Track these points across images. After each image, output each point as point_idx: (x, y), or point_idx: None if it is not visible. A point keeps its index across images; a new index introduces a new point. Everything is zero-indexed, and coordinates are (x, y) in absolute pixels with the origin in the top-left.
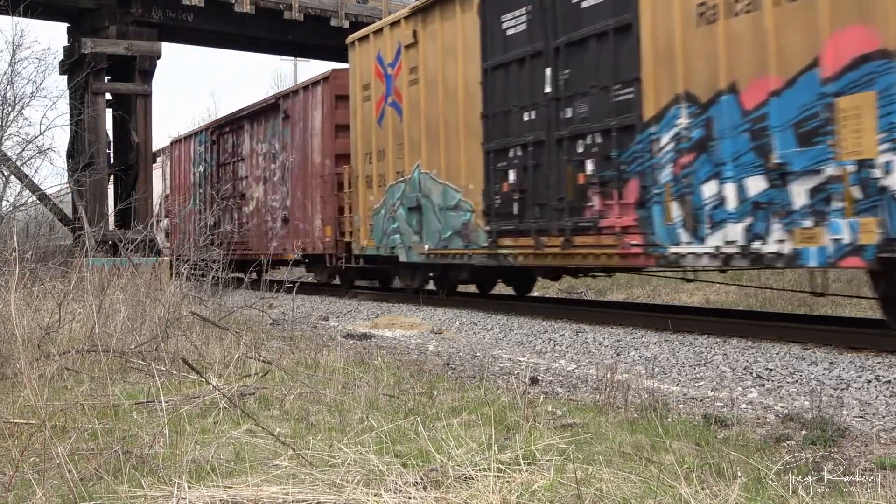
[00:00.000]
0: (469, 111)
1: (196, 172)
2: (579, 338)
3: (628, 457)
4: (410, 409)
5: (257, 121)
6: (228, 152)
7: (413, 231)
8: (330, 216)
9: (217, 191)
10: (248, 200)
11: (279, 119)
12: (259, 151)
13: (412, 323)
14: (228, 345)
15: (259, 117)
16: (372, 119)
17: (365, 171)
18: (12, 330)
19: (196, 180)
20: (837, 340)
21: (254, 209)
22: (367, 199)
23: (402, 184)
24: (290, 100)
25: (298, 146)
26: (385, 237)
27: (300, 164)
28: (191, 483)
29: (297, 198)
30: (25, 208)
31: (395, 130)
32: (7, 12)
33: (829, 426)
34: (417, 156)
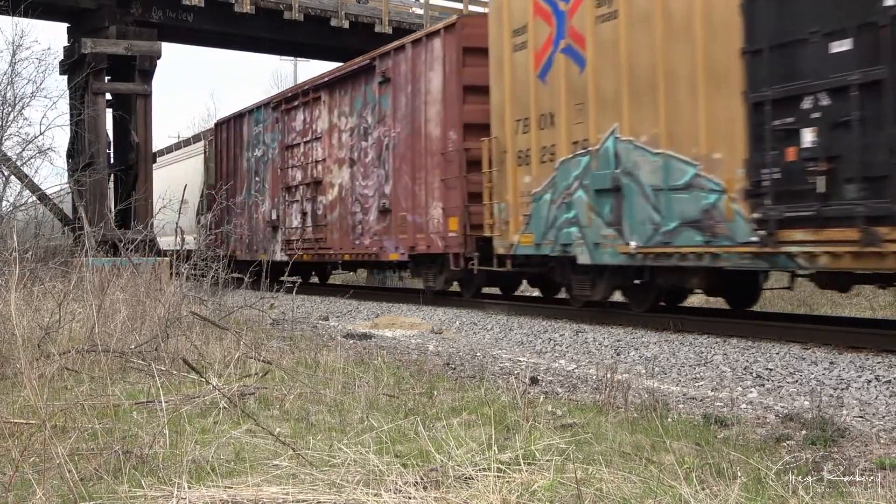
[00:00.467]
0: (716, 49)
1: (251, 157)
2: (579, 338)
3: (628, 457)
4: (410, 409)
5: (340, 89)
6: (298, 131)
7: (605, 222)
8: (456, 204)
9: (282, 178)
10: (327, 188)
11: (373, 85)
12: (342, 127)
13: (412, 323)
14: (228, 345)
15: (343, 85)
16: (529, 73)
17: (517, 144)
18: (12, 330)
19: (251, 166)
20: (837, 340)
21: (334, 198)
22: (519, 181)
23: (583, 158)
24: (390, 59)
25: (404, 117)
26: (552, 231)
27: (407, 139)
28: (191, 483)
29: (403, 182)
30: (25, 208)
31: (572, 86)
32: (7, 12)
33: (829, 426)
34: (613, 118)
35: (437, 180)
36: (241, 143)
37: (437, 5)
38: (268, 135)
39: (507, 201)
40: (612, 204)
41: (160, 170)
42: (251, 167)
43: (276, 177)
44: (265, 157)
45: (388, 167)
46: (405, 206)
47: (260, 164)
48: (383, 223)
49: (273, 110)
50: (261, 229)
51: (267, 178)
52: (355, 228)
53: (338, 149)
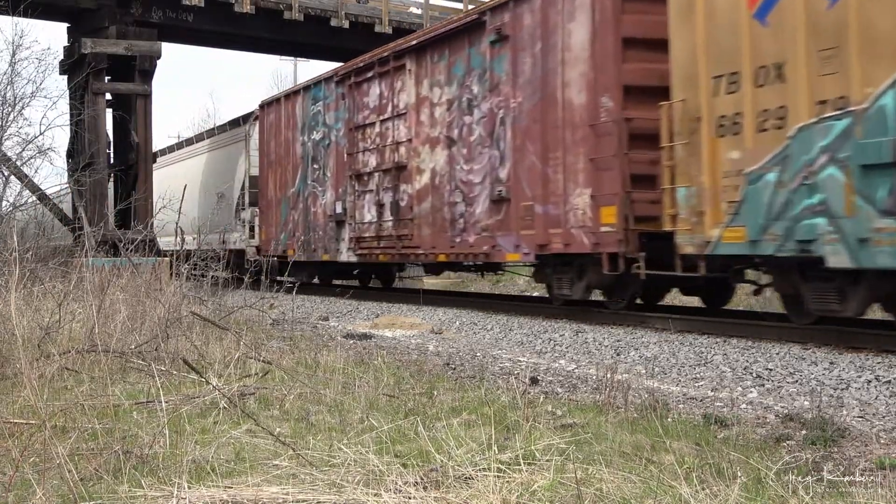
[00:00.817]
0: None
1: (306, 142)
2: (579, 338)
3: (628, 457)
4: (410, 409)
5: (433, 54)
6: (372, 108)
7: (878, 210)
8: (612, 191)
9: (350, 164)
10: (413, 174)
11: (481, 45)
12: (435, 100)
13: (412, 323)
14: (228, 345)
15: (436, 49)
16: (739, 13)
17: (716, 109)
18: (12, 330)
19: (306, 152)
20: (837, 340)
21: (424, 187)
22: (721, 157)
23: (836, 122)
24: (507, 12)
25: (530, 83)
26: (779, 222)
27: (534, 110)
28: (191, 483)
29: (528, 164)
30: (25, 208)
31: (816, 25)
32: (7, 12)
33: (829, 426)
34: (892, 65)
35: (581, 160)
36: (293, 126)
37: (437, 5)
38: (330, 114)
39: (701, 184)
40: (893, 184)
41: (191, 160)
42: (307, 153)
43: (342, 163)
44: (326, 140)
45: (504, 146)
46: (531, 195)
47: (319, 149)
48: (497, 216)
49: (338, 85)
50: (321, 225)
51: (328, 164)
52: (454, 223)
53: (429, 126)
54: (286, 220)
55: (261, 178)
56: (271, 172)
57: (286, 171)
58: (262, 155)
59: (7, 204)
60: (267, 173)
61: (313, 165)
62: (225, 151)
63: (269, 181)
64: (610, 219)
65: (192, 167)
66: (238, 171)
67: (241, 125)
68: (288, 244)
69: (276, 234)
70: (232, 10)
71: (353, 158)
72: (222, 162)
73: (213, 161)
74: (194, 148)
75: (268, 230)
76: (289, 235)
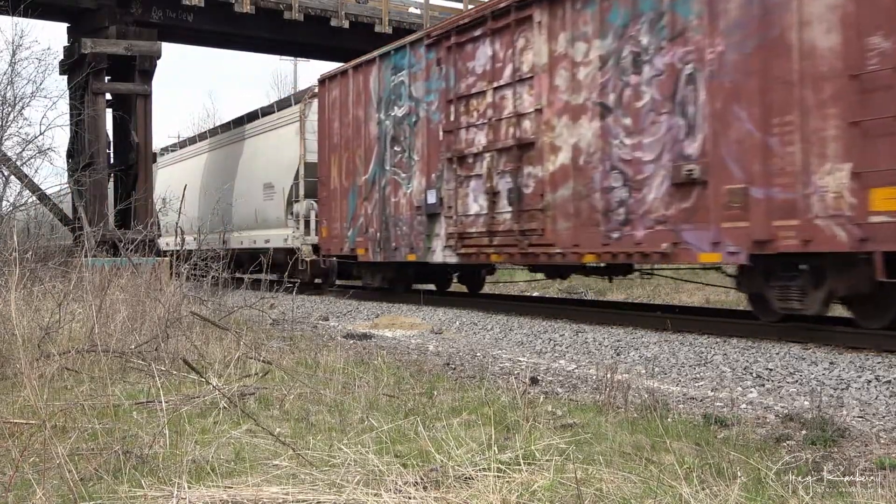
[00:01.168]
0: None
1: (384, 120)
2: (579, 338)
3: (628, 457)
4: (410, 409)
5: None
6: (479, 73)
7: None
8: (892, 165)
9: (448, 144)
10: (545, 154)
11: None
12: (580, 58)
13: (412, 323)
14: (228, 345)
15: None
16: None
17: None
18: (12, 330)
19: (384, 132)
20: (837, 340)
21: (561, 168)
22: None
23: None
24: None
25: (739, 25)
26: None
27: (748, 61)
28: (191, 483)
29: (739, 133)
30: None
31: None
32: (7, 12)
33: (829, 426)
34: None
35: (832, 125)
36: (365, 101)
37: (437, 5)
38: (417, 85)
39: None
40: None
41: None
42: (384, 133)
43: (436, 143)
44: (412, 116)
45: (694, 112)
46: (742, 175)
47: (402, 128)
48: (682, 203)
49: (429, 49)
50: (405, 219)
51: (415, 146)
52: (612, 214)
53: (568, 92)
54: (355, 213)
55: (320, 165)
56: (335, 158)
57: (355, 156)
58: (321, 138)
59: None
60: (329, 159)
61: (393, 148)
62: (272, 136)
63: (333, 168)
64: (888, 204)
65: (230, 156)
66: (289, 158)
67: (292, 105)
68: (357, 242)
69: (341, 229)
70: (232, 10)
71: (452, 137)
72: (269, 148)
73: (257, 148)
74: (231, 134)
75: (330, 225)
76: (359, 231)
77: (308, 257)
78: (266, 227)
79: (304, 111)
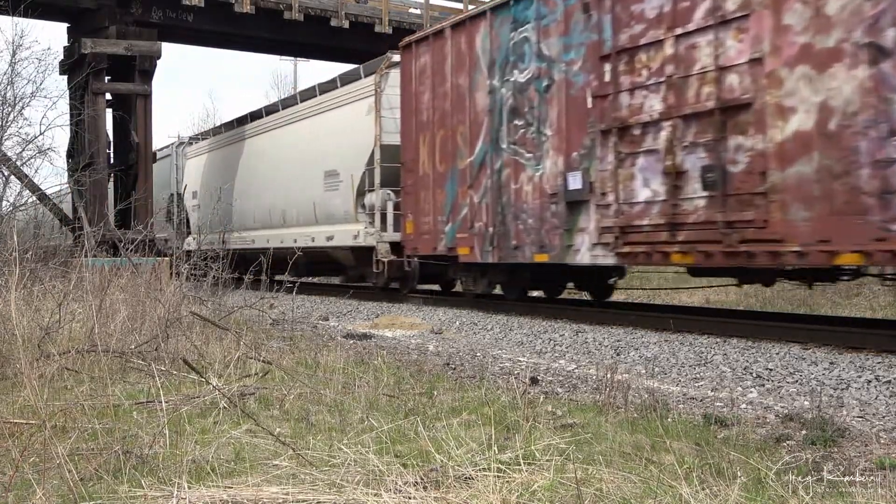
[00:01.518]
0: None
1: (498, 87)
2: (579, 338)
3: (628, 457)
4: (410, 409)
5: None
6: (652, 18)
7: None
8: None
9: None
10: (766, 119)
11: None
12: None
13: (412, 323)
14: (228, 345)
15: None
16: None
17: None
18: (12, 330)
19: (498, 102)
20: (837, 340)
21: (798, 137)
22: None
23: None
24: None
25: None
26: None
27: None
28: (191, 483)
29: None
30: (25, 208)
31: None
32: (7, 12)
33: (829, 426)
34: None
35: None
36: (470, 67)
37: (437, 5)
38: (551, 41)
39: None
40: None
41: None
42: (499, 103)
43: (580, 112)
44: (543, 80)
45: None
46: None
47: (526, 96)
48: None
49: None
50: (531, 210)
51: (548, 117)
52: (887, 198)
53: (811, 32)
54: (455, 204)
55: (404, 146)
56: (425, 138)
57: (455, 134)
58: (406, 114)
59: (7, 204)
60: (416, 139)
61: (513, 122)
62: (335, 116)
63: (422, 150)
64: None
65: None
66: (358, 141)
67: (360, 77)
68: (459, 240)
69: (434, 224)
70: (232, 10)
71: (607, 103)
72: (331, 130)
73: (314, 130)
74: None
75: (418, 219)
76: (461, 226)
77: (386, 258)
78: (329, 222)
79: (379, 84)
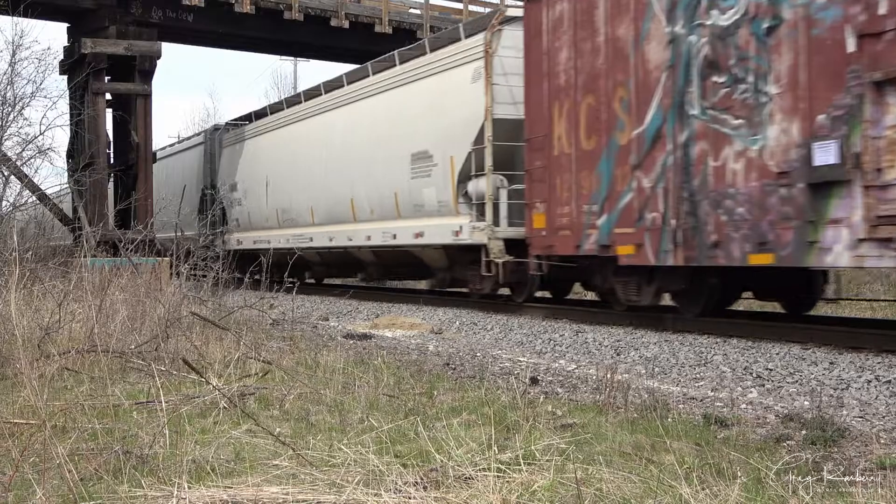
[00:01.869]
0: None
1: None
2: (579, 338)
3: (628, 457)
4: (410, 409)
5: None
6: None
7: None
8: None
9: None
10: None
11: None
12: None
13: (412, 323)
14: (228, 345)
15: None
16: None
17: None
18: (12, 330)
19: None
20: (837, 340)
21: None
22: None
23: None
24: None
25: None
26: None
27: None
28: (191, 483)
29: None
30: (25, 208)
31: None
32: (7, 12)
33: (829, 426)
34: None
35: None
36: (634, 13)
37: (437, 5)
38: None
39: None
40: None
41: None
42: (684, 56)
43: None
44: (765, 21)
45: None
46: None
47: (733, 45)
48: None
49: None
50: (740, 194)
51: (775, 69)
52: None
53: None
54: (611, 189)
55: (530, 120)
56: (562, 107)
57: (611, 101)
58: (533, 79)
59: (7, 204)
60: (548, 110)
61: (710, 79)
62: (425, 86)
63: (557, 123)
64: None
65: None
66: (459, 115)
67: (461, 38)
68: (618, 235)
69: (576, 216)
70: (232, 10)
71: (884, 45)
72: (420, 103)
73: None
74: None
75: (553, 210)
76: (619, 218)
77: (500, 258)
78: (416, 215)
79: (490, 44)
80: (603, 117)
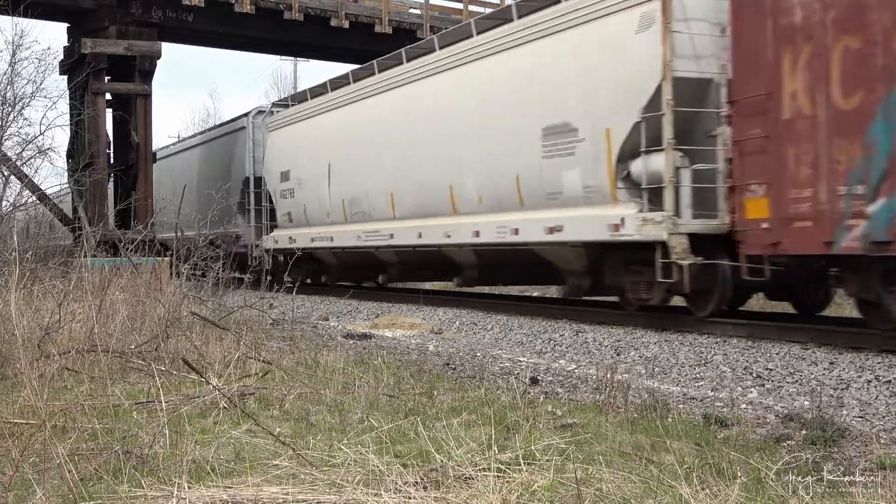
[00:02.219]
0: None
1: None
2: (579, 338)
3: (628, 457)
4: (410, 409)
5: None
6: None
7: None
8: None
9: None
10: None
11: None
12: None
13: (412, 323)
14: (228, 345)
15: None
16: None
17: None
18: (12, 330)
19: None
20: (837, 340)
21: None
22: None
23: None
24: None
25: None
26: None
27: None
28: (191, 483)
29: None
30: (25, 208)
31: None
32: (7, 12)
33: (829, 426)
34: None
35: None
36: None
37: (437, 5)
38: None
39: None
40: None
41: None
42: None
43: None
44: None
45: None
46: None
47: None
48: None
49: None
50: None
51: None
52: None
53: None
54: (892, 162)
55: (740, 76)
56: (796, 56)
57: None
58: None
59: (7, 204)
60: (773, 61)
61: None
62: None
63: (786, 78)
64: None
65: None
66: (613, 77)
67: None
68: None
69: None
70: (232, 10)
71: None
72: (555, 64)
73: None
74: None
75: (779, 194)
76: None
77: (684, 259)
78: (549, 205)
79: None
80: (872, 67)
